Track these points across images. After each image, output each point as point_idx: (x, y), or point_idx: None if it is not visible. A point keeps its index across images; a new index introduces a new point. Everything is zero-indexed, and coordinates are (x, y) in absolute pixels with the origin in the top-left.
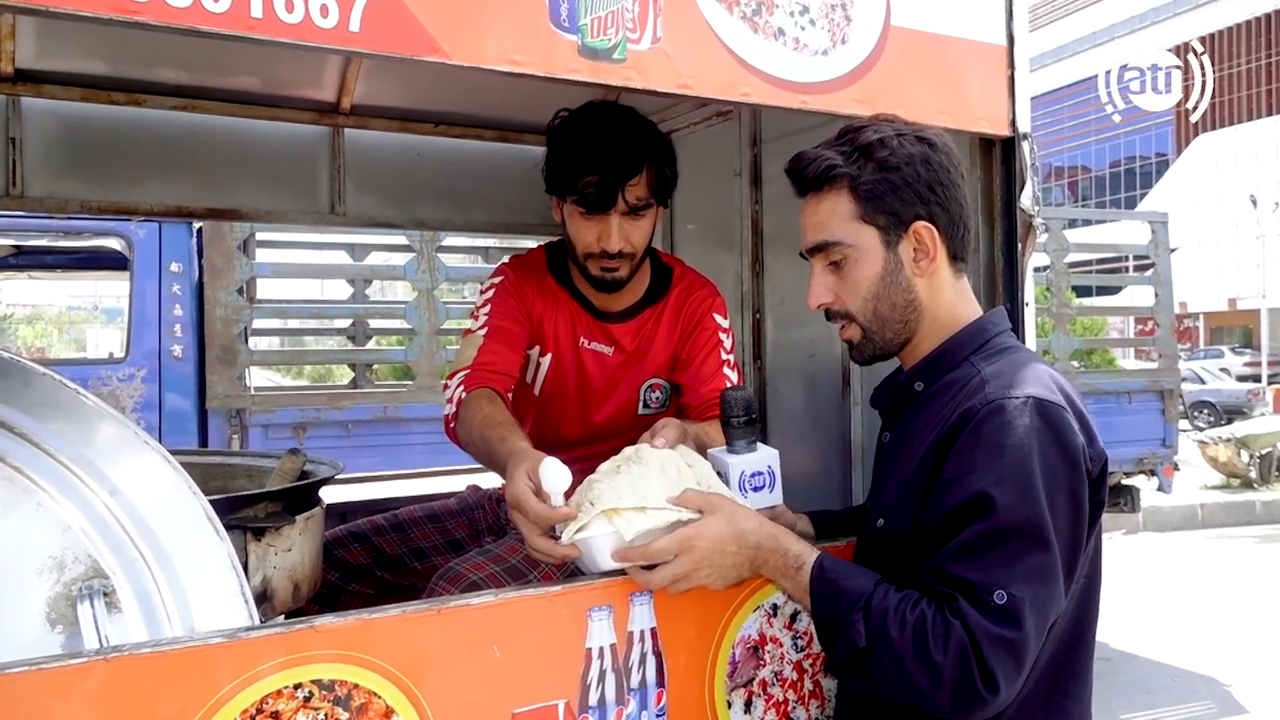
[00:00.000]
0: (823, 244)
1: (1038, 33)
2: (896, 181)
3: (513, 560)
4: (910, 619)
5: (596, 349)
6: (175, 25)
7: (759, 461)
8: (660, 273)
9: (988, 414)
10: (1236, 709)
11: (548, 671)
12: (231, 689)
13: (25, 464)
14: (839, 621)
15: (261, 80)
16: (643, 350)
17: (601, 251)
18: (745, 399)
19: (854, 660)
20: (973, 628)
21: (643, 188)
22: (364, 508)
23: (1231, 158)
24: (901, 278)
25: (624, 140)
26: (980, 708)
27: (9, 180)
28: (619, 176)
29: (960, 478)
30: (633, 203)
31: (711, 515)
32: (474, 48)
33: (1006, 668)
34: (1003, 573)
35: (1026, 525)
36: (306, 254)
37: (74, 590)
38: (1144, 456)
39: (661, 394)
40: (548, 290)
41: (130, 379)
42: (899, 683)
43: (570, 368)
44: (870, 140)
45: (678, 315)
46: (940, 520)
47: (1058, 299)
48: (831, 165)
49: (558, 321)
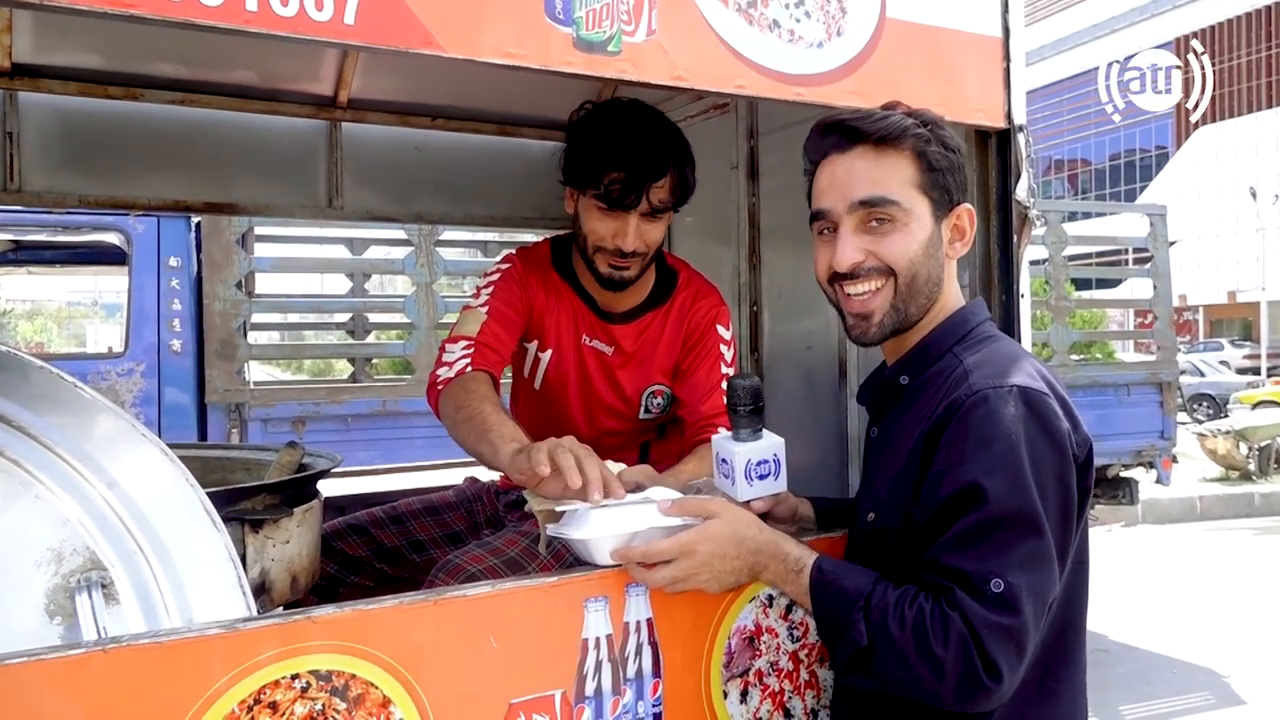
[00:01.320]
0: (879, 200)
1: (1038, 25)
2: (956, 163)
3: (511, 553)
4: (909, 615)
5: (598, 347)
6: (171, 19)
7: (765, 450)
8: (665, 275)
9: (973, 404)
10: (1235, 700)
11: (544, 662)
12: (229, 680)
13: (24, 457)
14: (840, 622)
15: (258, 74)
16: (644, 354)
17: (615, 249)
18: (752, 387)
19: (858, 660)
20: (971, 618)
21: (666, 190)
22: (363, 501)
23: (1231, 150)
24: (939, 255)
25: (654, 140)
26: (984, 697)
27: (7, 175)
28: (646, 176)
29: (950, 469)
30: (655, 204)
31: (711, 521)
32: (470, 41)
33: (1008, 655)
34: (997, 561)
35: (1019, 513)
36: (305, 248)
37: (72, 582)
38: (1142, 449)
39: (663, 400)
40: (552, 285)
41: (129, 374)
42: (903, 679)
43: (571, 364)
44: (935, 118)
45: (681, 322)
46: (933, 513)
47: (1056, 292)
48: (907, 127)
49: (560, 317)
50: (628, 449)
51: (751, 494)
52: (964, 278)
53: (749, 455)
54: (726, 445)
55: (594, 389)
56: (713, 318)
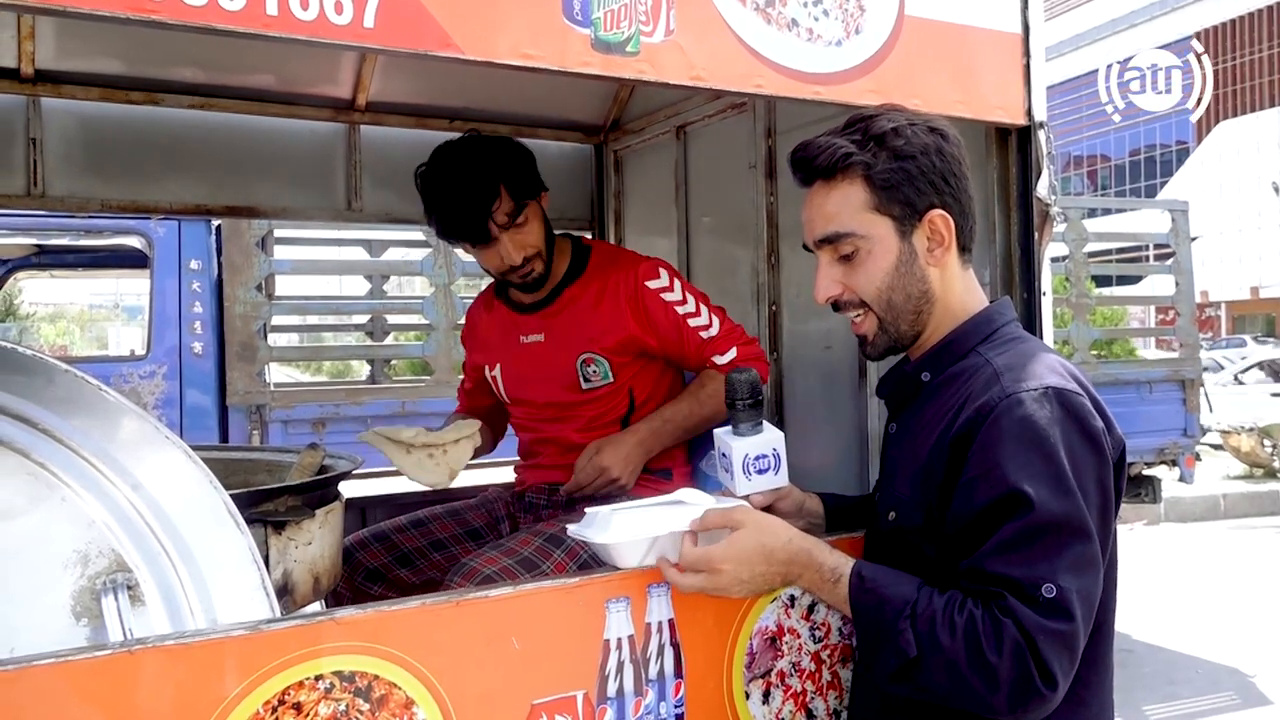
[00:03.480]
0: (833, 235)
1: (1058, 20)
2: (912, 171)
3: (525, 552)
4: (960, 622)
5: (532, 340)
6: (191, 24)
7: (764, 444)
8: (580, 253)
9: (1007, 407)
10: (1260, 700)
11: (566, 663)
12: (254, 680)
13: (49, 460)
14: (885, 632)
15: (277, 78)
16: (569, 326)
17: (508, 268)
18: (751, 381)
19: (904, 670)
20: (1026, 625)
21: (505, 205)
22: (383, 502)
23: (1253, 145)
24: (916, 268)
25: (464, 183)
26: (1039, 704)
27: (30, 180)
28: (475, 215)
29: (986, 474)
30: (502, 221)
31: (737, 534)
32: (488, 43)
33: (1062, 661)
34: (1047, 566)
35: (1066, 517)
36: (324, 250)
37: (98, 584)
38: (1165, 446)
39: (598, 368)
40: (492, 308)
41: (151, 376)
42: (952, 688)
43: (519, 364)
44: (884, 129)
45: (602, 293)
46: (971, 519)
47: (1077, 289)
48: (847, 154)
49: (497, 330)
50: (605, 422)
51: (750, 489)
52: (985, 275)
53: (746, 450)
54: (725, 439)
55: (541, 374)
56: (634, 278)
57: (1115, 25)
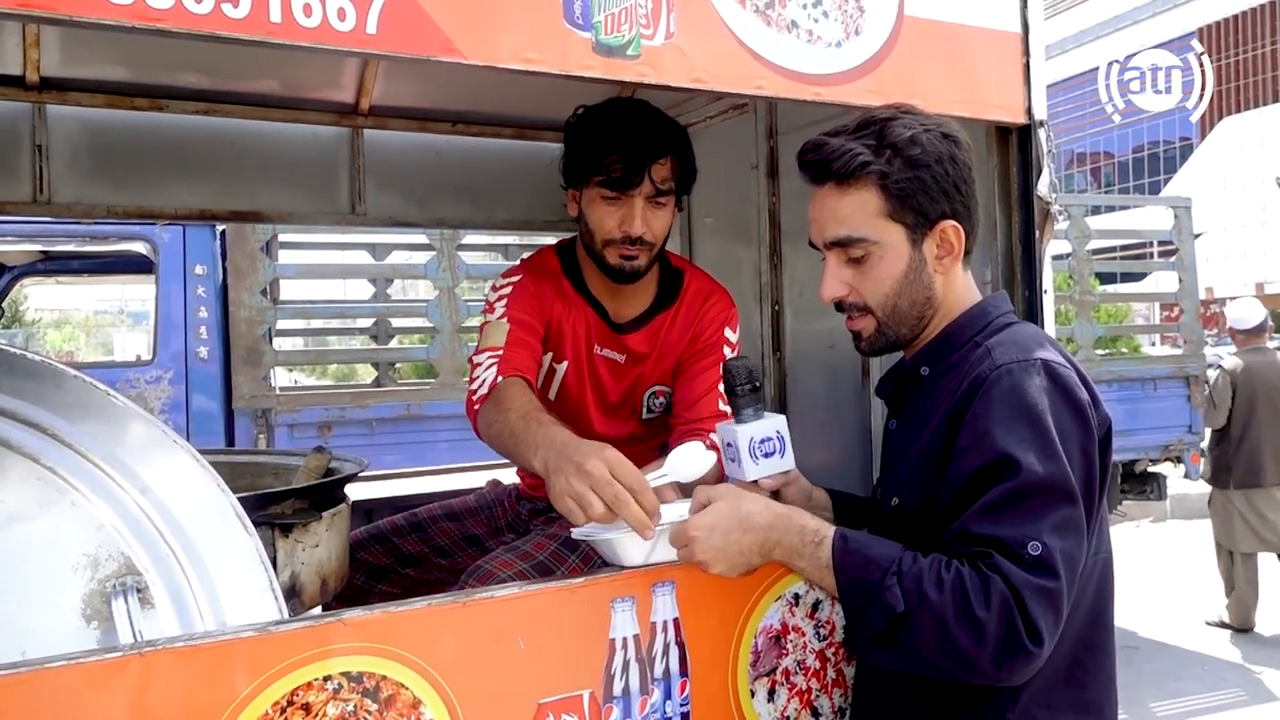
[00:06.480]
0: (845, 239)
1: (1060, 17)
2: (926, 180)
3: (540, 556)
4: (947, 578)
5: (609, 356)
6: (196, 31)
7: (767, 428)
8: (669, 275)
9: (997, 377)
10: (1267, 696)
11: (572, 662)
12: (263, 681)
13: (58, 464)
14: (871, 589)
15: (281, 83)
16: (656, 357)
17: (624, 236)
18: (748, 367)
19: (888, 631)
20: (1013, 581)
21: (667, 170)
22: (389, 504)
23: (1257, 141)
24: (924, 275)
25: (649, 124)
26: (1024, 661)
27: (36, 187)
28: (646, 155)
29: (976, 442)
30: (658, 183)
31: (714, 504)
32: (489, 47)
33: (1048, 619)
34: (1032, 526)
35: (1050, 480)
36: (328, 254)
37: (108, 587)
38: (1170, 443)
39: (665, 399)
40: (565, 295)
41: (157, 381)
42: (938, 646)
43: (586, 374)
44: (902, 137)
45: (690, 321)
46: (960, 486)
47: (1080, 286)
48: (864, 161)
49: (575, 327)
50: (645, 451)
51: (759, 472)
52: (986, 274)
53: (751, 434)
54: (729, 429)
55: (607, 397)
56: (723, 320)
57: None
